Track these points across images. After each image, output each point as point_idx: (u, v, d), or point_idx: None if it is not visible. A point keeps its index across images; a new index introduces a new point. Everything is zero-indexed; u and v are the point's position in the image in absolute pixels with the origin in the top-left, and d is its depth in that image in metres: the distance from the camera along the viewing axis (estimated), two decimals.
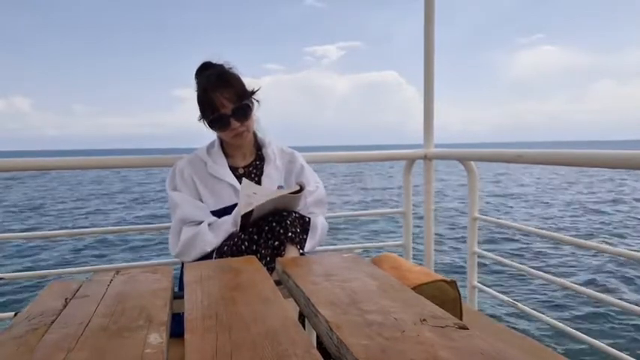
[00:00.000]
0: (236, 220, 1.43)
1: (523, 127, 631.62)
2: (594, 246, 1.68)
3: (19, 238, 2.50)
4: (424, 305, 0.73)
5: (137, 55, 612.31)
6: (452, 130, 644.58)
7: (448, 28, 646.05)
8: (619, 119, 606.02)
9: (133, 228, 2.21)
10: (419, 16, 2.35)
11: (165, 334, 0.65)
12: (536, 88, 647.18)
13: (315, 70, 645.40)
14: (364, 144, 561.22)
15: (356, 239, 9.19)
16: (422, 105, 2.30)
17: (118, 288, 0.89)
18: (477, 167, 2.08)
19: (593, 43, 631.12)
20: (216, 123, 1.52)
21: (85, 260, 8.19)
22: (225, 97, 1.48)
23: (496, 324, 1.76)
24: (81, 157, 1.88)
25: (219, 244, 1.44)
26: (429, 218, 2.31)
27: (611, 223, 11.11)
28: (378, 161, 2.38)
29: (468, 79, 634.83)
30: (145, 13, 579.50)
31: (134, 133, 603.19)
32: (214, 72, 1.52)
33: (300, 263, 1.03)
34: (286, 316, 0.70)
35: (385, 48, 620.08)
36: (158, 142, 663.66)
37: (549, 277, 1.80)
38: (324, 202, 1.68)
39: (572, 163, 1.54)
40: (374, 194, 18.33)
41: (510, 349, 0.56)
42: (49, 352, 0.61)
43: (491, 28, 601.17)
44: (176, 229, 1.50)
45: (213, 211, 1.52)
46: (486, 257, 2.09)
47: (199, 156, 1.60)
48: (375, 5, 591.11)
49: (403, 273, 1.47)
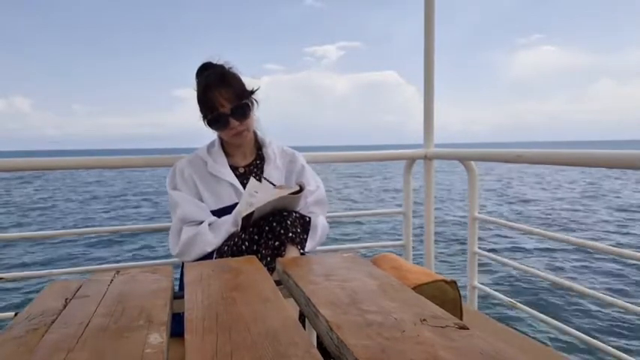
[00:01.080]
0: (236, 220, 1.43)
1: (523, 127, 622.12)
2: (595, 246, 1.68)
3: (19, 238, 2.50)
4: (424, 305, 0.73)
5: (137, 55, 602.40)
6: (452, 130, 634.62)
7: (448, 27, 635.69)
8: (619, 119, 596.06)
9: (133, 228, 2.22)
10: (418, 16, 2.35)
11: (165, 334, 0.65)
12: (536, 88, 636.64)
13: (314, 71, 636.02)
14: (364, 144, 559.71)
15: (356, 239, 9.20)
16: (422, 105, 2.30)
17: (118, 288, 0.89)
18: (477, 167, 2.08)
19: (592, 43, 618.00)
20: (216, 122, 1.52)
21: (85, 260, 8.19)
22: (225, 96, 1.48)
23: (496, 324, 1.76)
24: (81, 157, 1.88)
25: (220, 244, 1.45)
26: (429, 218, 2.31)
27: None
28: (378, 161, 2.38)
29: (467, 79, 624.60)
30: (145, 13, 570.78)
31: (134, 133, 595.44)
32: (214, 72, 1.52)
33: (300, 263, 1.03)
34: (286, 316, 0.70)
35: (385, 48, 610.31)
36: (158, 142, 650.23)
37: (549, 276, 1.80)
38: (325, 202, 1.68)
39: (572, 163, 1.54)
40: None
41: (510, 349, 0.56)
42: (49, 352, 0.61)
43: (490, 28, 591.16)
44: (176, 228, 1.50)
45: (213, 211, 1.52)
46: (486, 257, 2.09)
47: (199, 156, 1.60)
48: (374, 5, 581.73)
49: (403, 273, 1.47)
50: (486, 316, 1.91)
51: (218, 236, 1.45)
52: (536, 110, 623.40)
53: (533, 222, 11.21)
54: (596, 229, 10.29)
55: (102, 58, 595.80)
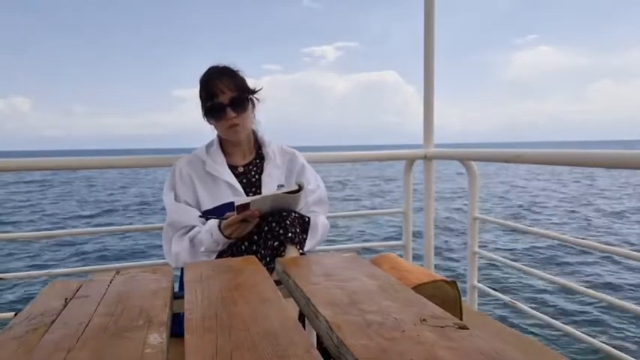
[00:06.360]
0: (213, 235, 1.41)
1: (523, 127, 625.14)
2: (596, 246, 1.68)
3: (19, 238, 2.51)
4: (424, 305, 0.73)
5: (137, 55, 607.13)
6: (452, 130, 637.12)
7: (448, 27, 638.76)
8: (618, 119, 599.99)
9: (133, 228, 2.22)
10: (416, 16, 2.36)
11: (165, 334, 0.65)
12: (534, 89, 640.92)
13: (313, 71, 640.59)
14: (364, 144, 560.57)
15: (356, 239, 9.20)
16: (421, 105, 2.30)
17: (118, 288, 0.89)
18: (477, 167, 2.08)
19: (587, 44, 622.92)
20: (212, 111, 1.53)
21: (85, 260, 8.19)
22: (225, 85, 1.51)
23: (496, 324, 1.76)
24: (81, 157, 1.88)
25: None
26: (429, 218, 2.31)
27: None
28: (378, 161, 2.38)
29: (467, 79, 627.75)
30: (145, 13, 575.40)
31: (134, 134, 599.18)
32: (218, 66, 1.55)
33: (300, 263, 1.03)
34: (286, 316, 0.70)
35: (382, 48, 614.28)
36: (158, 142, 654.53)
37: (549, 276, 1.80)
38: (325, 202, 1.68)
39: (572, 163, 1.55)
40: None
41: (510, 349, 0.56)
42: (49, 352, 0.61)
43: (488, 28, 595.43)
44: (167, 235, 1.54)
45: (209, 210, 1.52)
46: (486, 257, 2.09)
47: (198, 155, 1.60)
48: (371, 6, 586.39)
49: (403, 273, 1.47)
50: (486, 316, 1.92)
51: (194, 256, 1.46)
52: (535, 110, 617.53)
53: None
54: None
55: (102, 57, 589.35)
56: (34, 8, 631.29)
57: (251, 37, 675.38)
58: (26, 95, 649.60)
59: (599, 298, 1.58)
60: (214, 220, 1.43)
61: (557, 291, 5.74)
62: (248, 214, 1.33)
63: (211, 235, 1.41)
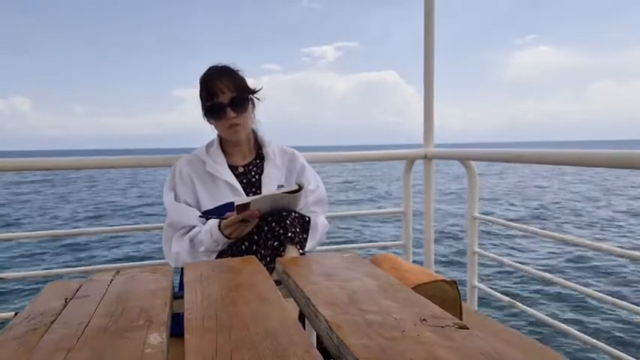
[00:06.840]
0: (213, 235, 1.42)
1: (523, 127, 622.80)
2: (596, 246, 1.68)
3: (19, 238, 2.51)
4: (424, 305, 0.73)
5: (137, 55, 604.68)
6: (452, 130, 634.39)
7: (448, 27, 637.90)
8: (618, 119, 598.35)
9: (133, 227, 2.22)
10: (416, 16, 2.36)
11: (165, 334, 0.65)
12: (534, 88, 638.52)
13: (313, 71, 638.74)
14: (364, 144, 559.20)
15: (356, 239, 9.19)
16: (421, 105, 2.30)
17: (118, 288, 0.89)
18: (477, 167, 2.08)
19: (586, 44, 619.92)
20: (213, 111, 1.53)
21: (85, 260, 8.19)
22: (225, 85, 1.51)
23: (496, 324, 1.76)
24: (81, 157, 1.89)
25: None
26: (428, 218, 2.31)
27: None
28: (378, 161, 2.38)
29: (467, 79, 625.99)
30: (145, 13, 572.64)
31: (134, 134, 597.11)
32: (218, 66, 1.56)
33: (300, 263, 1.03)
34: (286, 316, 0.70)
35: (381, 48, 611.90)
36: (158, 142, 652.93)
37: (549, 276, 1.80)
38: (325, 202, 1.68)
39: (572, 162, 1.55)
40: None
41: (510, 349, 0.56)
42: (49, 352, 0.61)
43: (490, 28, 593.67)
44: (167, 235, 1.54)
45: (209, 210, 1.52)
46: (486, 257, 2.09)
47: (198, 155, 1.60)
48: (371, 6, 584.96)
49: (403, 273, 1.47)
50: (486, 315, 1.91)
51: (194, 256, 1.46)
52: (535, 110, 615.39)
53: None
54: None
55: (102, 57, 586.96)
56: (34, 8, 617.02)
57: (251, 37, 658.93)
58: (26, 95, 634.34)
59: (600, 298, 1.57)
60: (214, 220, 1.43)
61: (557, 291, 5.74)
62: (248, 214, 1.33)
63: (211, 235, 1.41)
